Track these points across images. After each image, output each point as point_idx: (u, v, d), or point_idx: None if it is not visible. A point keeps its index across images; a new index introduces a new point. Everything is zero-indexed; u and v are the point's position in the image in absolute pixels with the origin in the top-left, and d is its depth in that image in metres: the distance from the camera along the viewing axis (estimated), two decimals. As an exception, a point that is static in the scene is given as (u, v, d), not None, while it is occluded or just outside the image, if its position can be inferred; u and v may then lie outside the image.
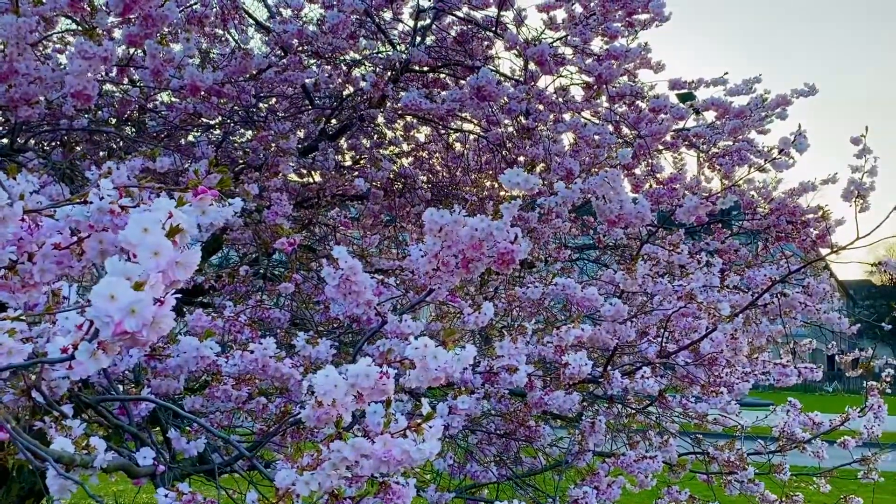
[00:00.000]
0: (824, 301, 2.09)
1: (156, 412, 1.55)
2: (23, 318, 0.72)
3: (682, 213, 1.90)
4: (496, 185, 2.76)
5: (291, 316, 2.01)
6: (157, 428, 1.67)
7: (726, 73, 2.35)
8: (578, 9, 2.12)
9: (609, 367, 1.82)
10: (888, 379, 2.13)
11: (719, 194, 2.10)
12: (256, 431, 1.59)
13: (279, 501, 0.75)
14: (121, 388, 1.55)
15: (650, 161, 2.23)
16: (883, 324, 2.14)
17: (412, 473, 0.97)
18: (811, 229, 2.19)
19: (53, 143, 1.89)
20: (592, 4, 2.07)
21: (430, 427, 0.73)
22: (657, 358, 1.87)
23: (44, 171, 1.74)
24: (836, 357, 2.92)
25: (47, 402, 0.93)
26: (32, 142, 1.90)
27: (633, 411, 1.99)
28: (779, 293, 2.03)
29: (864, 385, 2.06)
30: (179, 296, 0.55)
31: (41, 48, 1.98)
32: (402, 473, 0.90)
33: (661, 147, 2.35)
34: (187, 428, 1.41)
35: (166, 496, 0.99)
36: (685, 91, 2.51)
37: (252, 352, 1.35)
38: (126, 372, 1.40)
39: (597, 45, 2.17)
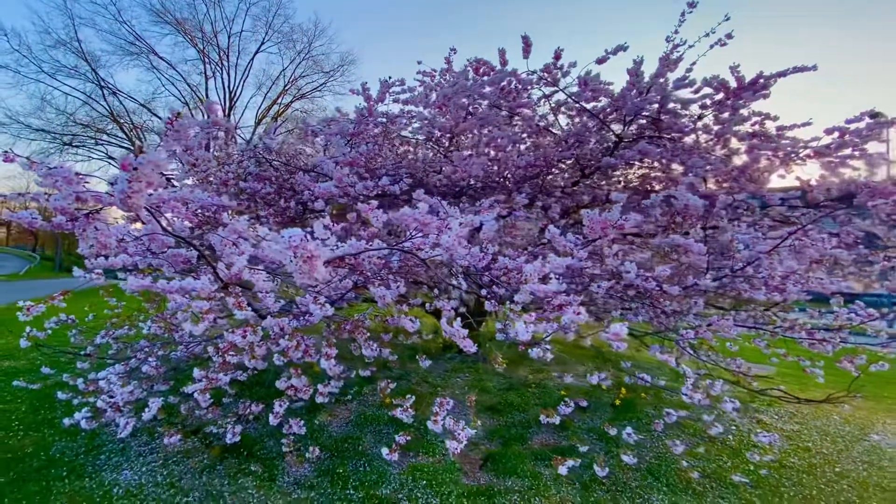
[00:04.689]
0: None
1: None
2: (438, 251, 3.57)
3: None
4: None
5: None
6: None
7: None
8: (719, 96, 3.77)
9: (706, 275, 3.34)
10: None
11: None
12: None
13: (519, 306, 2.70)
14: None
15: (755, 167, 3.61)
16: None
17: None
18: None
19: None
20: (729, 93, 3.69)
21: (553, 281, 2.26)
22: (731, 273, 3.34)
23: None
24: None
25: (452, 272, 3.55)
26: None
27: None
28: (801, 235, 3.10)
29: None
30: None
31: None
32: (580, 303, 2.51)
33: (779, 158, 3.60)
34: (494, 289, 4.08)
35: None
36: (876, 111, 3.53)
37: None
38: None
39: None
